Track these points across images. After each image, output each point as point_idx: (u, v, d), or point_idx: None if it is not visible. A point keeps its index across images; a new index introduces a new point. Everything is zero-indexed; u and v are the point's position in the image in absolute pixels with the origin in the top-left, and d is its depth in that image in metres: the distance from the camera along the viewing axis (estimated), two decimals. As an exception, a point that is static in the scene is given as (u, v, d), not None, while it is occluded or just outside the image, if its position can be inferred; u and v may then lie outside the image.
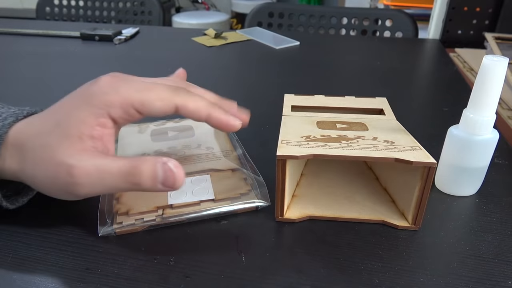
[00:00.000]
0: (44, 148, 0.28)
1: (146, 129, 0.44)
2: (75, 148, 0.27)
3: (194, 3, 2.82)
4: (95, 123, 0.28)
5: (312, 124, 0.37)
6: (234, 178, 0.36)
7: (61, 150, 0.27)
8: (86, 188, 0.27)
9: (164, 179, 0.27)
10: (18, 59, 0.71)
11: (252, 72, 0.68)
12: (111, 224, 0.31)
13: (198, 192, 0.34)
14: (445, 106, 0.55)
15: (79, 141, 0.28)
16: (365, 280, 0.28)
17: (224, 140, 0.42)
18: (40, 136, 0.28)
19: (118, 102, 0.28)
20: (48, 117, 0.30)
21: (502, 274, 0.28)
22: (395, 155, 0.29)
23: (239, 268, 0.29)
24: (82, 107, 0.28)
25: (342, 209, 0.34)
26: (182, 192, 0.34)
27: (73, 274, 0.28)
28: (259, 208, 0.34)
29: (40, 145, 0.28)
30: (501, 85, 0.31)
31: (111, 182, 0.27)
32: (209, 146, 0.41)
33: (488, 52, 0.79)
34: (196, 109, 0.30)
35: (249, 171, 0.37)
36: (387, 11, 1.07)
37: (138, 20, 1.19)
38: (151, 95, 0.29)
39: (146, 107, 0.29)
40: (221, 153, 0.40)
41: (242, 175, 0.36)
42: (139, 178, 0.27)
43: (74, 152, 0.27)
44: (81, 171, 0.27)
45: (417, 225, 0.32)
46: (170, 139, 0.42)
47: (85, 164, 0.27)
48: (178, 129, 0.44)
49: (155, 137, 0.42)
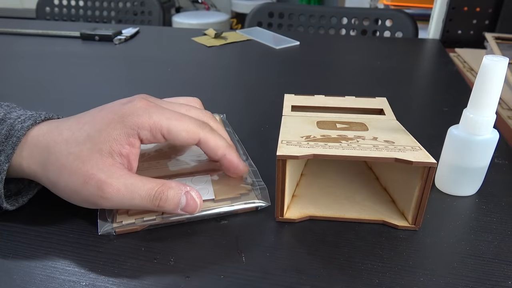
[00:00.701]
0: (73, 157, 0.29)
1: None
2: (105, 163, 0.29)
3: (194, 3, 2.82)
4: (125, 141, 0.30)
5: (312, 124, 0.37)
6: (234, 178, 0.36)
7: (91, 162, 0.29)
8: (113, 203, 0.29)
9: (185, 206, 0.30)
10: (18, 59, 0.71)
11: (252, 72, 0.68)
12: (111, 223, 0.31)
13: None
14: (445, 106, 0.55)
15: (109, 157, 0.29)
16: (365, 280, 0.28)
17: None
18: (69, 144, 0.30)
19: (149, 126, 0.30)
20: (78, 127, 0.31)
21: (502, 274, 0.28)
22: (395, 155, 0.29)
23: (239, 268, 0.29)
24: (115, 125, 0.30)
25: (342, 209, 0.34)
26: None
27: (73, 274, 0.28)
28: (259, 209, 0.34)
29: (69, 153, 0.29)
30: (501, 85, 0.31)
31: (139, 202, 0.29)
32: None
33: (488, 52, 0.79)
34: (215, 147, 0.33)
35: (249, 171, 0.37)
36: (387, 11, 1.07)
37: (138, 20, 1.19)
38: (178, 126, 0.31)
39: (172, 135, 0.31)
40: None
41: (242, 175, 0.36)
42: (164, 203, 0.30)
43: (104, 167, 0.29)
44: (112, 188, 0.28)
45: (417, 225, 0.32)
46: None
47: (116, 182, 0.29)
48: None
49: None
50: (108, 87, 0.60)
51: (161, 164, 0.38)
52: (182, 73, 0.66)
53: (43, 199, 0.35)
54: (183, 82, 0.63)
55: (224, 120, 0.47)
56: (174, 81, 0.63)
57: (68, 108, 0.52)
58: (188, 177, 0.36)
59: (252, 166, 0.38)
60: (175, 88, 0.60)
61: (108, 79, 0.63)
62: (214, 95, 0.58)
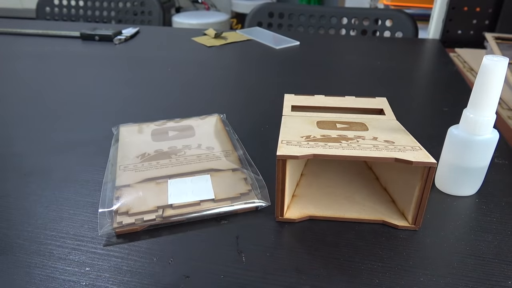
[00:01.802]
0: None
1: (146, 128, 0.44)
2: None
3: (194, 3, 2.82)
4: None
5: (312, 124, 0.37)
6: (234, 178, 0.36)
7: None
8: None
9: None
10: (18, 59, 0.71)
11: (252, 72, 0.68)
12: (111, 224, 0.31)
13: (198, 192, 0.34)
14: (445, 106, 0.55)
15: None
16: (365, 280, 0.28)
17: (224, 140, 0.42)
18: None
19: None
20: None
21: (502, 274, 0.28)
22: (395, 155, 0.29)
23: (239, 268, 0.29)
24: None
25: (342, 209, 0.34)
26: (183, 192, 0.34)
27: (73, 274, 0.28)
28: (259, 208, 0.34)
29: None
30: (501, 85, 0.31)
31: None
32: (209, 146, 0.41)
33: (488, 52, 0.79)
34: None
35: (249, 171, 0.37)
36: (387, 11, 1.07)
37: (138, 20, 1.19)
38: None
39: None
40: (221, 153, 0.40)
41: (242, 175, 0.36)
42: None
43: None
44: None
45: (417, 225, 0.32)
46: (170, 139, 0.42)
47: None
48: (179, 129, 0.44)
49: (156, 137, 0.42)
50: (108, 87, 0.60)
51: (161, 164, 0.38)
52: (182, 73, 0.66)
53: (43, 199, 0.35)
54: (183, 82, 0.63)
55: (224, 120, 0.47)
56: (174, 81, 0.63)
57: (68, 108, 0.52)
58: (188, 177, 0.36)
59: (252, 166, 0.38)
60: (175, 88, 0.60)
61: (108, 79, 0.63)
62: (214, 95, 0.58)
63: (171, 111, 0.52)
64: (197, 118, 0.47)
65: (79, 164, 0.40)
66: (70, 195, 0.36)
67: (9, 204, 0.35)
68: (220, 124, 0.45)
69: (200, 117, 0.47)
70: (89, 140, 0.45)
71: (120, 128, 0.45)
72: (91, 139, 0.45)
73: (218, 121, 0.46)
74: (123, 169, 0.37)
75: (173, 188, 0.34)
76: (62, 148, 0.43)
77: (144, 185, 0.35)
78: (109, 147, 0.43)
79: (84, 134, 0.46)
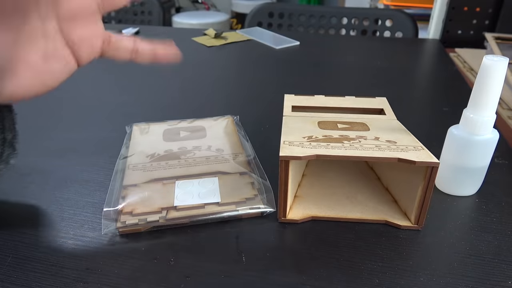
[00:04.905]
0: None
1: (159, 128, 0.44)
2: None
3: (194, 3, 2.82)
4: None
5: (313, 124, 0.37)
6: (241, 182, 0.35)
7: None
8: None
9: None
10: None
11: (252, 72, 0.68)
12: (114, 223, 0.31)
13: (205, 194, 0.34)
14: (445, 106, 0.55)
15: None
16: (365, 280, 0.28)
17: (235, 142, 0.42)
18: None
19: None
20: None
21: (502, 274, 0.28)
22: (398, 155, 0.29)
23: (239, 268, 0.29)
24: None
25: (345, 210, 0.34)
26: (189, 194, 0.34)
27: (73, 274, 0.28)
28: (264, 214, 0.34)
29: None
30: (501, 85, 0.31)
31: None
32: (219, 148, 0.41)
33: (488, 52, 0.79)
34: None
35: (257, 175, 0.36)
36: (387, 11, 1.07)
37: (138, 20, 1.19)
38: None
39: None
40: (230, 156, 0.39)
41: (249, 179, 0.36)
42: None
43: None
44: None
45: (419, 224, 0.32)
46: (181, 139, 0.42)
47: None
48: (190, 130, 0.44)
49: (167, 137, 0.42)
50: (107, 87, 0.60)
51: (170, 165, 0.38)
52: (182, 73, 0.66)
53: (44, 199, 0.35)
54: (183, 82, 0.63)
55: (237, 122, 0.46)
56: (174, 81, 0.63)
57: (68, 108, 0.52)
58: (196, 179, 0.36)
59: (259, 168, 0.38)
60: (175, 88, 0.60)
61: (107, 79, 0.63)
62: (214, 95, 0.58)
63: (171, 111, 0.52)
64: (209, 119, 0.47)
65: (79, 164, 0.40)
66: (70, 195, 0.36)
67: (9, 204, 0.35)
68: (232, 126, 0.45)
69: (213, 118, 0.47)
70: (89, 140, 0.45)
71: (133, 127, 0.45)
72: (91, 139, 0.45)
73: (230, 123, 0.46)
74: (132, 168, 0.37)
75: (179, 190, 0.34)
76: (62, 148, 0.43)
77: (151, 186, 0.35)
78: (109, 147, 0.43)
79: (84, 134, 0.46)
